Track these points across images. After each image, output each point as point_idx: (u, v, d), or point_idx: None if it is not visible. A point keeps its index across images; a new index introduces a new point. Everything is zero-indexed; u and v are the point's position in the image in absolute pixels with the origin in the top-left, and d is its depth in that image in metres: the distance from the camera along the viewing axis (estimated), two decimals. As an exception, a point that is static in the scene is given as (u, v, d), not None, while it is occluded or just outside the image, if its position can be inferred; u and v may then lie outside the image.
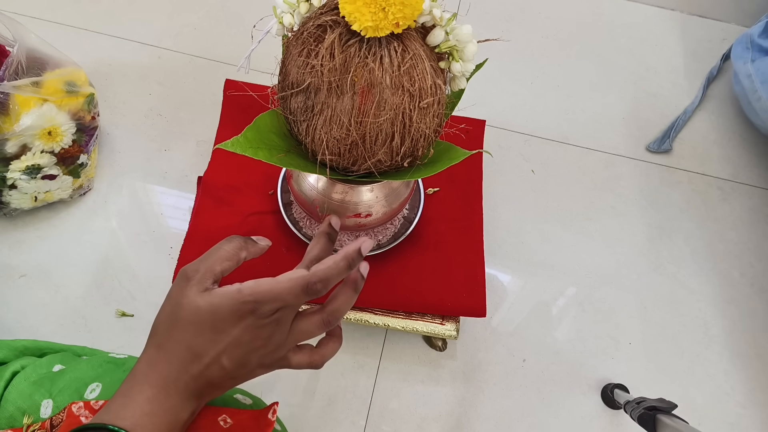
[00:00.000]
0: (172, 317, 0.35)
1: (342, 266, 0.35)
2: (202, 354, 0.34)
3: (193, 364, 0.34)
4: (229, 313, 0.34)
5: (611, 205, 0.96)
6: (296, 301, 0.35)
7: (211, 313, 0.34)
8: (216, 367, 0.35)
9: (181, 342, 0.35)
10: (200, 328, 0.34)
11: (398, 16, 0.41)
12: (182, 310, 0.35)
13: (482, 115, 0.87)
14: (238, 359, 0.35)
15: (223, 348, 0.35)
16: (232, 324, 0.34)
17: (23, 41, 0.71)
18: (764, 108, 0.96)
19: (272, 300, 0.34)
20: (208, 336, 0.34)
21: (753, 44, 0.99)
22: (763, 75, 0.96)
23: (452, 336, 0.72)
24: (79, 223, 0.86)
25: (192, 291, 0.35)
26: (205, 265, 0.36)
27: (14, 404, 0.42)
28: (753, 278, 0.91)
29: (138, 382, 0.34)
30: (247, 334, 0.35)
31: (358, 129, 0.46)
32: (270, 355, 0.36)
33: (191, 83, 1.01)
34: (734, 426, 0.80)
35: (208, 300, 0.34)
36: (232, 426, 0.38)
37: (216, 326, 0.34)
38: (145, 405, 0.34)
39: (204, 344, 0.34)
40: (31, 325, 0.78)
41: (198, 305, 0.34)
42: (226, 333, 0.34)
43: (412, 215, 0.74)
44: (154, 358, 0.35)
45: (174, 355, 0.35)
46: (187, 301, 0.35)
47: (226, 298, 0.34)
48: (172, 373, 0.34)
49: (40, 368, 0.45)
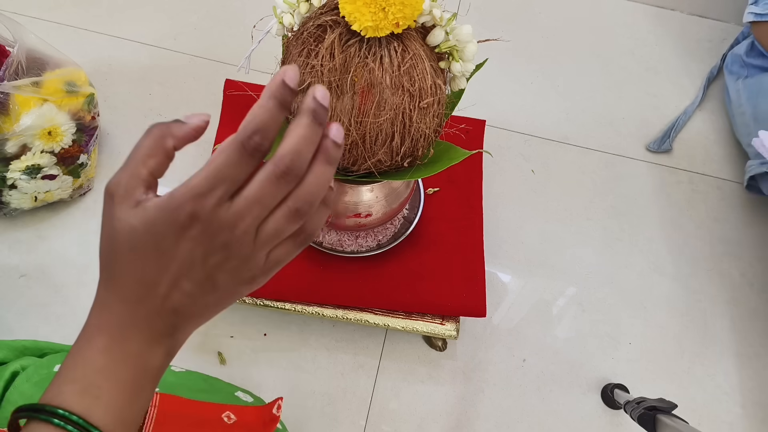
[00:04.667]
0: (109, 247, 0.29)
1: (271, 104, 0.27)
2: (154, 283, 0.28)
3: (149, 297, 0.28)
4: (168, 226, 0.27)
5: (611, 205, 0.96)
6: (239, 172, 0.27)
7: (148, 233, 0.27)
8: (178, 294, 0.28)
9: (128, 274, 0.28)
10: (143, 253, 0.28)
11: (398, 16, 0.41)
12: (117, 235, 0.28)
13: (482, 115, 0.87)
14: (200, 280, 0.28)
15: (177, 270, 0.28)
16: (175, 239, 0.27)
17: (23, 41, 0.71)
18: (745, 122, 0.99)
19: (211, 187, 0.27)
20: (154, 261, 0.28)
21: (746, 63, 1.02)
22: (750, 91, 0.99)
23: (452, 336, 0.72)
24: (79, 223, 0.86)
25: (121, 210, 0.28)
26: (126, 172, 0.28)
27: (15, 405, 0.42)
28: (753, 278, 0.91)
29: (88, 334, 0.28)
30: (198, 248, 0.28)
31: (358, 129, 0.46)
32: (243, 266, 0.29)
33: (191, 83, 1.01)
34: (734, 426, 0.80)
35: (141, 216, 0.27)
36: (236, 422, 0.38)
37: (158, 246, 0.27)
38: (98, 359, 0.28)
39: (153, 271, 0.28)
40: (31, 325, 0.78)
41: (132, 226, 0.28)
42: (172, 252, 0.28)
43: (412, 215, 0.74)
44: (103, 299, 0.29)
45: (124, 290, 0.28)
46: (120, 224, 0.28)
47: (158, 209, 0.27)
48: (126, 312, 0.28)
49: (41, 369, 0.45)
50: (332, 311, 0.72)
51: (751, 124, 0.97)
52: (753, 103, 0.98)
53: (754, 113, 0.97)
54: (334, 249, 0.71)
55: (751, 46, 1.02)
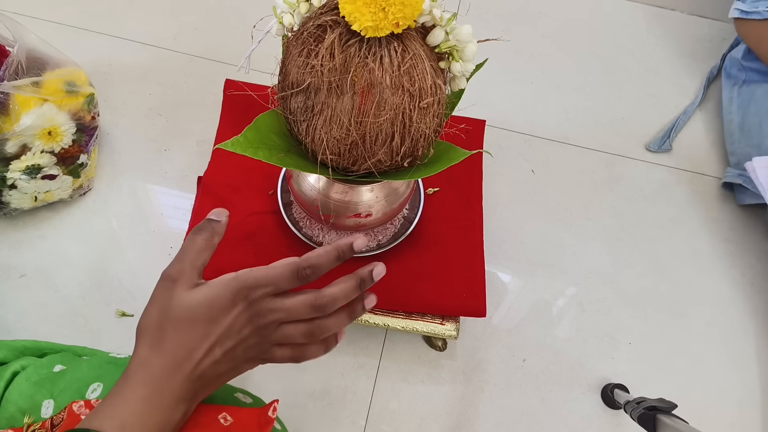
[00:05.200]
0: (162, 319, 0.35)
1: (332, 255, 0.37)
2: (195, 349, 0.35)
3: (187, 361, 0.35)
4: (224, 301, 0.35)
5: (611, 205, 0.96)
6: (287, 285, 0.36)
7: (206, 306, 0.35)
8: (209, 360, 0.35)
9: (174, 340, 0.35)
10: (194, 323, 0.35)
11: (398, 16, 0.41)
12: (173, 311, 0.35)
13: (482, 115, 0.87)
14: (228, 349, 0.36)
15: (216, 339, 0.35)
16: (226, 312, 0.35)
17: (23, 41, 0.71)
18: (731, 130, 1.00)
19: (265, 284, 0.35)
20: (202, 329, 0.35)
21: (744, 67, 1.02)
22: (742, 100, 0.99)
23: (452, 336, 0.72)
24: (79, 223, 0.86)
25: (181, 290, 0.35)
26: (187, 262, 0.36)
27: (15, 404, 0.42)
28: (753, 278, 0.91)
29: (130, 383, 0.34)
30: (239, 322, 0.35)
31: (358, 129, 0.46)
32: (255, 347, 0.37)
33: (191, 83, 1.01)
34: (734, 426, 0.80)
35: (203, 293, 0.35)
36: (232, 424, 0.38)
37: (211, 317, 0.35)
38: (136, 405, 0.33)
39: (197, 339, 0.35)
40: (31, 325, 0.78)
41: (192, 301, 0.35)
42: (219, 323, 0.35)
43: (412, 215, 0.74)
44: (146, 358, 0.35)
45: (167, 353, 0.34)
46: (178, 302, 0.35)
47: (221, 287, 0.35)
48: (166, 371, 0.34)
49: (41, 368, 0.45)
50: (332, 311, 0.72)
51: (736, 132, 0.98)
52: (742, 113, 0.98)
53: (741, 123, 0.98)
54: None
55: (748, 49, 1.02)
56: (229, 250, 0.71)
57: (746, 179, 0.91)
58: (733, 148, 0.99)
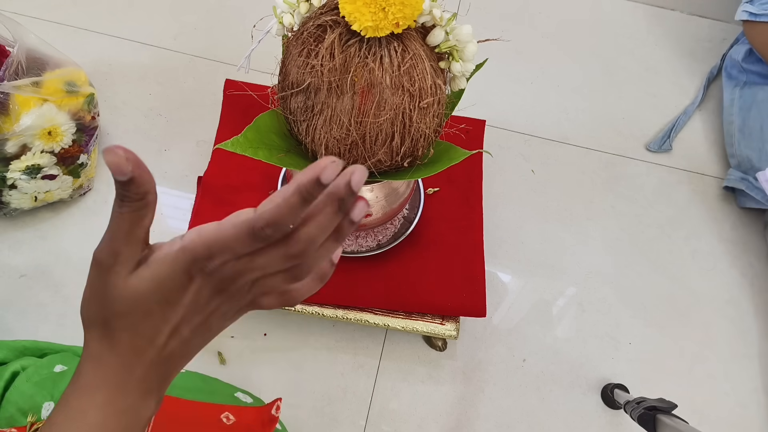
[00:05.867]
0: (105, 313, 0.29)
1: (294, 202, 0.26)
2: (155, 335, 0.29)
3: (149, 349, 0.29)
4: (177, 279, 0.28)
5: (611, 205, 0.96)
6: (245, 249, 0.28)
7: (156, 290, 0.28)
8: (175, 342, 0.29)
9: (127, 331, 0.28)
10: (147, 310, 0.28)
11: (398, 16, 0.41)
12: (115, 303, 0.28)
13: (482, 115, 0.87)
14: (198, 325, 0.30)
15: (180, 319, 0.29)
16: (182, 290, 0.28)
17: (23, 41, 0.71)
18: (731, 132, 1.00)
19: (219, 251, 0.28)
20: (159, 314, 0.28)
21: (744, 69, 1.02)
22: (743, 102, 0.99)
23: (452, 336, 0.72)
24: (79, 223, 0.86)
25: (118, 278, 0.28)
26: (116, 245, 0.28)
27: (15, 405, 0.42)
28: (753, 278, 0.91)
29: (84, 386, 0.29)
30: (202, 297, 0.29)
31: (358, 129, 0.46)
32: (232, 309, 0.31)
33: (191, 83, 1.01)
34: (734, 426, 0.80)
35: (147, 275, 0.28)
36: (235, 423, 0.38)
37: (165, 299, 0.28)
38: (94, 414, 0.28)
39: (156, 324, 0.29)
40: (31, 325, 0.78)
41: (136, 288, 0.28)
42: (178, 303, 0.29)
43: (412, 215, 0.74)
44: (97, 353, 0.29)
45: (123, 346, 0.28)
46: (119, 293, 0.28)
47: (168, 264, 0.28)
48: (125, 366, 0.29)
49: (41, 369, 0.44)
50: (332, 311, 0.72)
51: (737, 134, 0.98)
52: (743, 116, 0.98)
53: (742, 126, 0.98)
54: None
55: (749, 51, 1.02)
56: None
57: (749, 185, 0.91)
58: (733, 150, 0.99)
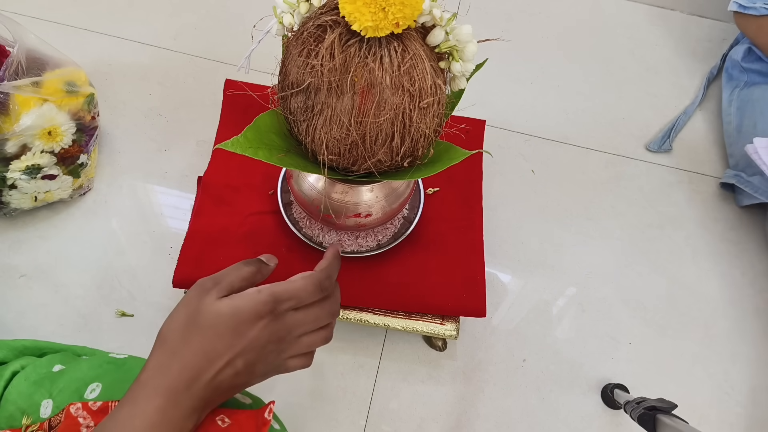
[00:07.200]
0: (189, 324, 0.36)
1: (338, 259, 0.43)
2: (217, 359, 0.35)
3: (208, 370, 0.35)
4: (250, 313, 0.36)
5: (611, 205, 0.96)
6: (310, 298, 0.38)
7: (232, 316, 0.35)
8: (229, 371, 0.35)
9: (199, 347, 0.35)
10: (220, 332, 0.35)
11: (398, 16, 0.41)
12: (201, 315, 0.35)
13: (482, 115, 0.87)
14: (250, 362, 0.36)
15: (240, 350, 0.36)
16: (251, 324, 0.36)
17: (23, 41, 0.71)
18: (730, 132, 1.00)
19: (289, 298, 0.37)
20: (227, 340, 0.35)
21: (744, 68, 1.02)
22: (741, 101, 1.00)
23: (452, 336, 0.72)
24: (79, 223, 0.86)
25: (211, 298, 0.36)
26: (226, 279, 0.38)
27: (14, 404, 0.42)
28: (753, 278, 0.91)
29: (147, 390, 0.34)
30: (263, 336, 0.36)
31: (358, 129, 0.46)
32: (274, 361, 0.38)
33: (191, 83, 1.01)
34: (735, 426, 0.80)
35: (228, 303, 0.36)
36: (230, 426, 0.38)
37: (236, 328, 0.35)
38: (153, 415, 0.33)
39: (222, 348, 0.35)
40: (31, 325, 0.78)
41: (219, 309, 0.36)
42: (244, 335, 0.36)
43: (412, 215, 0.74)
44: (165, 364, 0.35)
45: (189, 361, 0.34)
46: (207, 308, 0.36)
47: (246, 299, 0.36)
48: (185, 380, 0.34)
49: (40, 368, 0.45)
50: (332, 311, 0.72)
51: (734, 134, 0.98)
52: (740, 115, 0.99)
53: (739, 125, 0.98)
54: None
55: (748, 50, 1.02)
56: (229, 250, 0.71)
57: (740, 179, 0.92)
58: (732, 149, 0.99)
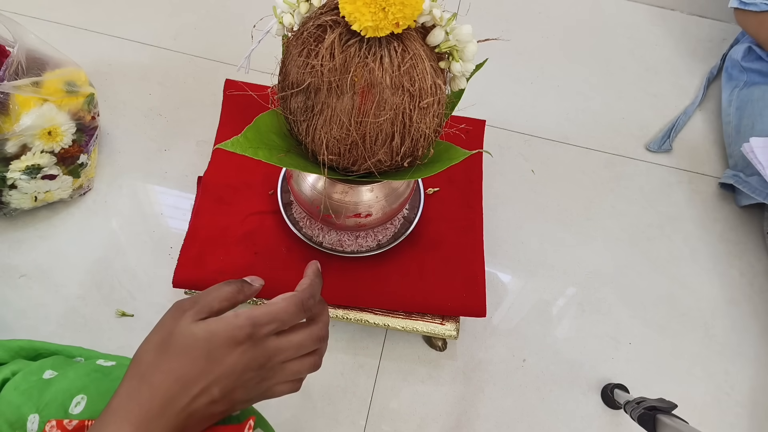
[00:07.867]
0: (162, 346, 0.34)
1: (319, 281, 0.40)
2: (191, 385, 0.33)
3: (181, 397, 0.32)
4: (226, 338, 0.33)
5: (611, 205, 0.96)
6: (293, 319, 0.36)
7: (207, 341, 0.33)
8: (204, 399, 0.33)
9: (170, 372, 0.33)
10: (193, 357, 0.33)
11: (398, 16, 0.41)
12: (174, 338, 0.33)
13: (482, 115, 0.87)
14: (227, 389, 0.34)
15: (216, 377, 0.33)
16: (228, 351, 0.33)
17: (23, 41, 0.71)
18: (729, 132, 1.00)
19: (269, 321, 0.35)
20: (201, 365, 0.33)
21: (744, 68, 1.02)
22: (740, 101, 1.00)
23: (452, 336, 0.72)
24: (79, 223, 0.86)
25: (187, 320, 0.34)
26: (204, 300, 0.35)
27: (3, 416, 0.42)
28: (753, 278, 0.91)
29: (116, 419, 0.32)
30: (241, 362, 0.34)
31: (358, 129, 0.46)
32: (257, 388, 0.36)
33: (191, 83, 1.01)
34: (735, 426, 0.80)
35: (203, 327, 0.33)
36: None
37: (211, 354, 0.33)
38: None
39: (195, 374, 0.33)
40: (32, 325, 0.78)
41: (193, 333, 0.33)
42: (220, 361, 0.33)
43: (412, 215, 0.74)
44: (135, 390, 0.33)
45: (160, 387, 0.32)
46: (181, 330, 0.33)
47: (222, 323, 0.34)
48: (156, 407, 0.32)
49: (30, 376, 0.44)
50: (332, 311, 0.72)
51: (733, 134, 0.98)
52: (739, 115, 0.99)
53: (738, 125, 0.98)
54: (334, 249, 0.71)
55: (748, 50, 1.03)
56: (229, 250, 0.71)
57: (739, 180, 0.92)
58: (731, 150, 0.99)
